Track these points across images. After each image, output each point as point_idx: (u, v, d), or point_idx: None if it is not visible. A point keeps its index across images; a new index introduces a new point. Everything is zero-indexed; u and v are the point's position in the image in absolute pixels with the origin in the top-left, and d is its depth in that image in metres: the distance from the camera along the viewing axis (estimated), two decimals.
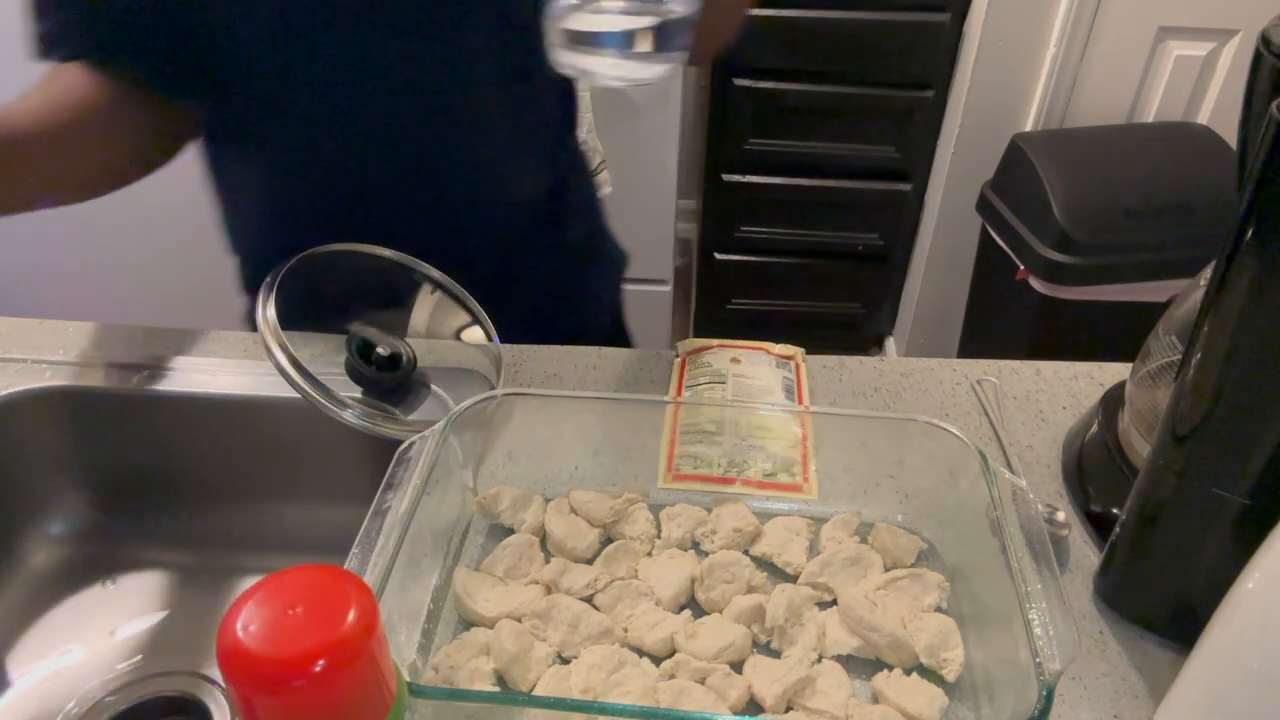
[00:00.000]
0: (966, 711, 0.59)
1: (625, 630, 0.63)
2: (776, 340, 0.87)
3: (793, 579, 0.67)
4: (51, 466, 0.83)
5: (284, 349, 0.72)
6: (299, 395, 0.72)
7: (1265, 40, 0.53)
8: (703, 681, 0.59)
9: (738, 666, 0.60)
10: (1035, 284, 1.63)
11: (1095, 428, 0.75)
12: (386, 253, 0.87)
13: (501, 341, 0.84)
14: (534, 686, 0.59)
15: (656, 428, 0.76)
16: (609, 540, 0.70)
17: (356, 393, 0.77)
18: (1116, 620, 0.65)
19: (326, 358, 0.84)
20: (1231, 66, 1.75)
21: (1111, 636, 0.64)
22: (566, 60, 0.61)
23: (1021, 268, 1.64)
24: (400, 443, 0.66)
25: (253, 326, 0.83)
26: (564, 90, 0.93)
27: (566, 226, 0.99)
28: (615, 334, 1.11)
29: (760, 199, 2.06)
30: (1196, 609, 0.55)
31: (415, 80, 0.82)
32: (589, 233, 1.04)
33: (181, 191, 1.77)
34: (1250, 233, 0.50)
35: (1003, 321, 1.81)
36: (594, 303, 1.06)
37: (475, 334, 0.89)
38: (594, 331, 1.03)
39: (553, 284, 1.00)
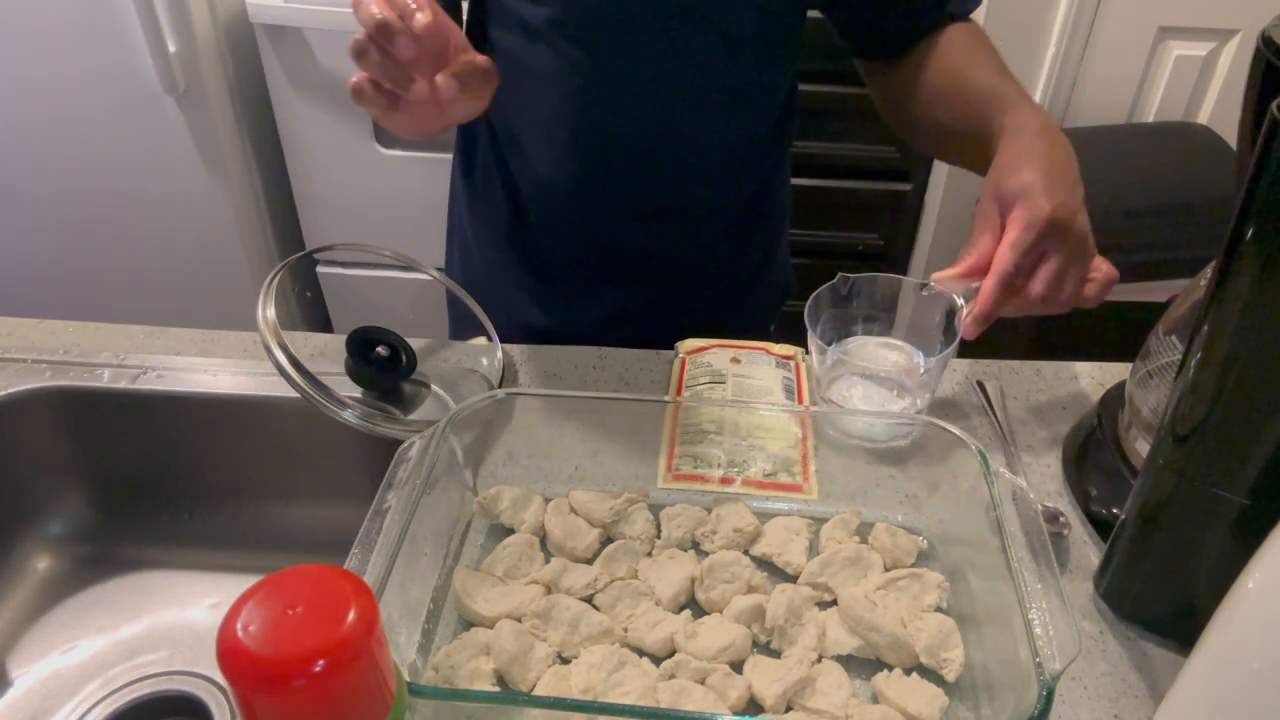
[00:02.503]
0: (966, 711, 0.59)
1: (625, 630, 0.63)
2: (777, 340, 0.87)
3: (793, 579, 0.67)
4: (51, 466, 0.83)
5: (284, 349, 0.73)
6: (299, 395, 0.72)
7: (1265, 40, 0.53)
8: (703, 681, 0.59)
9: (738, 666, 0.60)
10: None
11: (1095, 428, 0.75)
12: (387, 251, 0.87)
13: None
14: (534, 686, 0.59)
15: (656, 428, 0.76)
16: (609, 540, 0.70)
17: (356, 393, 0.78)
18: (1116, 620, 0.65)
19: (326, 358, 0.84)
20: (1231, 66, 1.74)
21: (1111, 636, 0.64)
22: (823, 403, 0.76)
23: None
24: (400, 443, 0.66)
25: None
26: (781, 107, 0.97)
27: (755, 234, 1.02)
28: None
29: None
30: (1196, 609, 0.55)
31: (650, 80, 0.86)
32: (769, 243, 1.06)
33: (182, 192, 1.78)
34: (1250, 233, 0.50)
35: (1003, 321, 1.81)
36: (752, 323, 1.08)
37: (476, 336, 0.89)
38: None
39: (723, 293, 1.02)
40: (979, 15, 0.89)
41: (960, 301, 0.75)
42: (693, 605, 0.65)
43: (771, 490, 0.72)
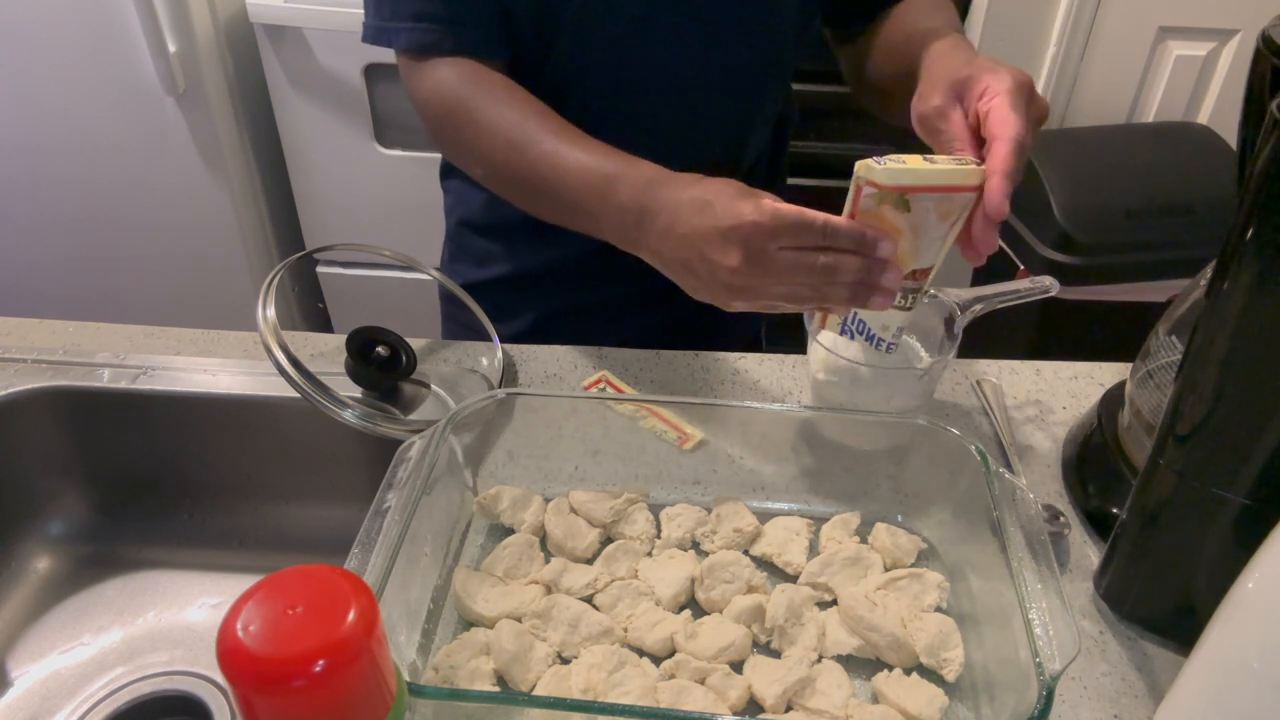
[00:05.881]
0: (966, 711, 0.59)
1: (625, 630, 0.63)
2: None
3: (793, 579, 0.67)
4: (51, 466, 0.83)
5: (284, 349, 0.72)
6: (299, 395, 0.72)
7: (1265, 40, 0.53)
8: (703, 681, 0.59)
9: (738, 666, 0.60)
10: None
11: (1095, 428, 0.75)
12: (387, 251, 0.87)
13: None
14: (534, 686, 0.59)
15: (656, 427, 0.76)
16: (609, 540, 0.70)
17: (356, 393, 0.78)
18: (1116, 620, 0.65)
19: (326, 358, 0.84)
20: (1231, 66, 1.74)
21: (1111, 636, 0.64)
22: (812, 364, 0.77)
23: (1022, 268, 1.64)
24: (400, 443, 0.66)
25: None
26: (776, 135, 0.98)
27: None
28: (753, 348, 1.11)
29: None
30: (1196, 609, 0.55)
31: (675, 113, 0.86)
32: None
33: (182, 192, 1.78)
34: (1250, 233, 0.50)
35: (1003, 321, 1.81)
36: (745, 317, 1.05)
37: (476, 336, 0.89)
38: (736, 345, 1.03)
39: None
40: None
41: (959, 311, 0.75)
42: (693, 605, 0.65)
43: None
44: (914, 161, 0.61)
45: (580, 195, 0.71)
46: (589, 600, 0.65)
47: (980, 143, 0.65)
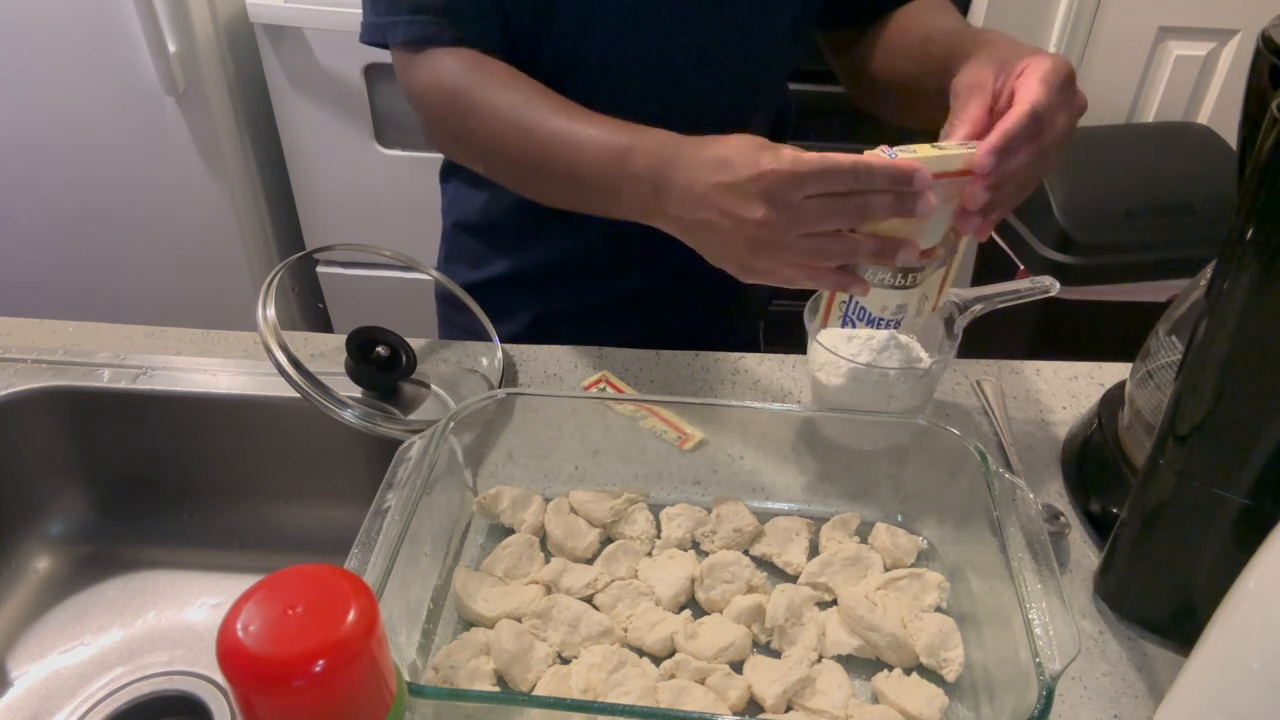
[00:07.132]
0: (966, 711, 0.59)
1: (625, 630, 0.63)
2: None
3: (793, 579, 0.67)
4: (51, 466, 0.83)
5: (284, 349, 0.73)
6: (299, 395, 0.72)
7: (1265, 40, 0.53)
8: (703, 681, 0.59)
9: (738, 666, 0.60)
10: None
11: (1095, 428, 0.75)
12: (387, 251, 0.87)
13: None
14: (534, 686, 0.59)
15: (656, 427, 0.76)
16: (609, 540, 0.70)
17: (356, 393, 0.78)
18: (1116, 620, 0.65)
19: (326, 358, 0.84)
20: (1231, 66, 1.74)
21: (1111, 636, 0.64)
22: (814, 367, 0.75)
23: (1022, 268, 1.64)
24: (400, 443, 0.66)
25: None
26: (774, 134, 0.98)
27: None
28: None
29: None
30: (1196, 609, 0.55)
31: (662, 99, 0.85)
32: None
33: (182, 192, 1.78)
34: (1250, 233, 0.50)
35: (1003, 321, 1.81)
36: (748, 312, 1.06)
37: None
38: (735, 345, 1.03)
39: (712, 291, 0.98)
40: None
41: (959, 311, 0.75)
42: (693, 605, 0.65)
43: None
44: (924, 150, 0.61)
45: (595, 170, 0.70)
46: (589, 600, 0.65)
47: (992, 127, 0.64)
